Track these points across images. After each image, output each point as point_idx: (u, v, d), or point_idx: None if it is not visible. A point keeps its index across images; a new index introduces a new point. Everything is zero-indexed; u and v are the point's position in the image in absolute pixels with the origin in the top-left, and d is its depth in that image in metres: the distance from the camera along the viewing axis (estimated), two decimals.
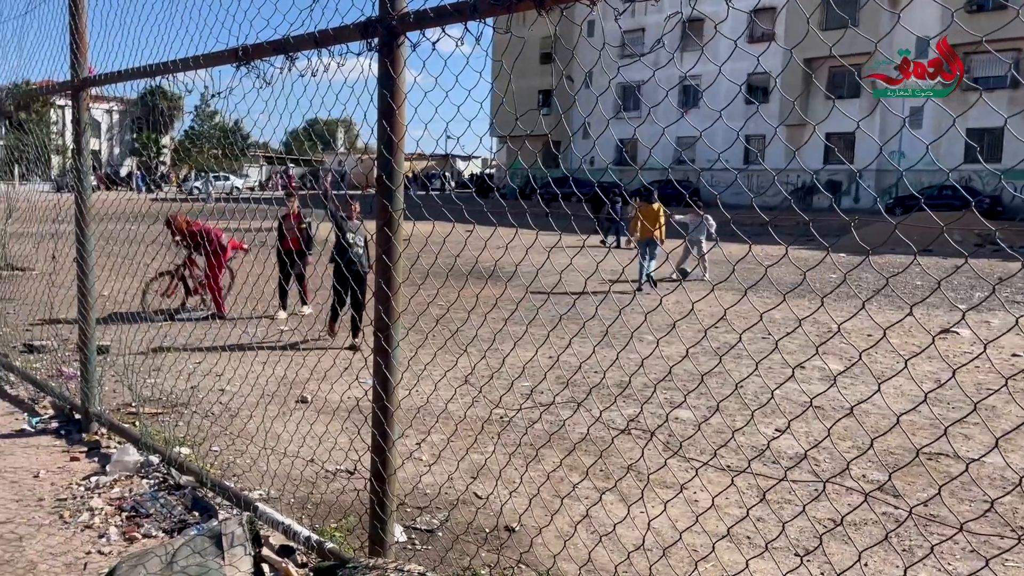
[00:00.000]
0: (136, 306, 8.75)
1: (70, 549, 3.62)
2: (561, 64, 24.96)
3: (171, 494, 4.14)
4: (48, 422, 5.33)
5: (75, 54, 4.90)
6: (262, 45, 3.52)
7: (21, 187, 9.61)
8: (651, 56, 19.12)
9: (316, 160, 28.70)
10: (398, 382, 3.18)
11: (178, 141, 36.98)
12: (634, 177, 31.43)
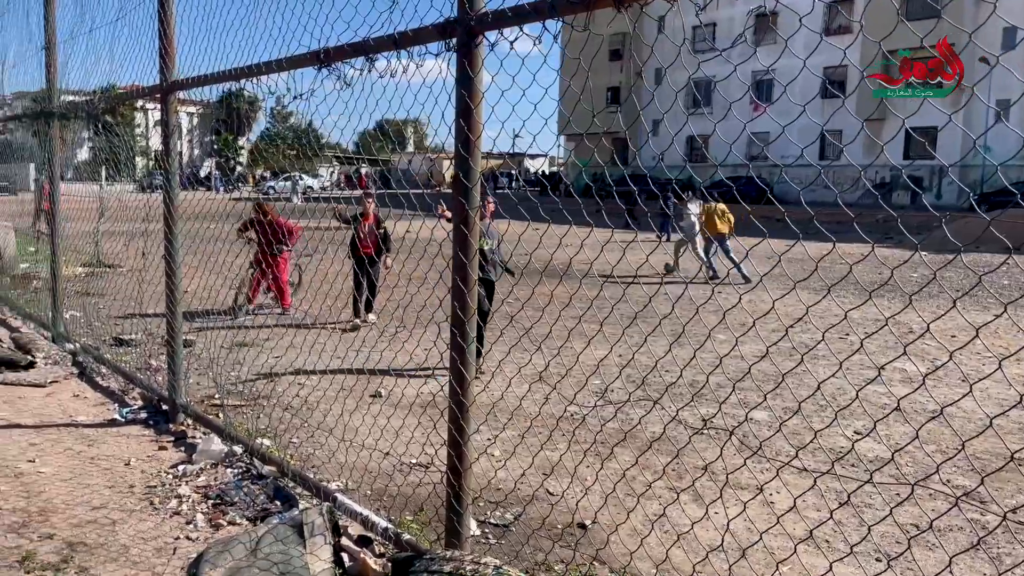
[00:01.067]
0: (224, 303, 8.83)
1: (160, 534, 3.77)
2: (630, 61, 24.73)
3: (254, 483, 4.28)
4: (137, 412, 5.57)
5: (163, 59, 5.10)
6: (342, 47, 3.61)
7: (108, 188, 10.06)
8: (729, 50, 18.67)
9: (384, 160, 29.12)
10: (473, 377, 3.22)
11: (255, 142, 38.06)
12: (713, 173, 30.97)
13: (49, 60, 7.10)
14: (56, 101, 7.25)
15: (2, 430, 5.18)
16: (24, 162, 15.96)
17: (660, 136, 33.36)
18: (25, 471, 4.51)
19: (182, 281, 5.32)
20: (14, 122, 10.10)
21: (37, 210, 14.77)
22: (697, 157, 35.64)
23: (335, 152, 24.01)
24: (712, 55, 2.88)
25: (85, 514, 3.96)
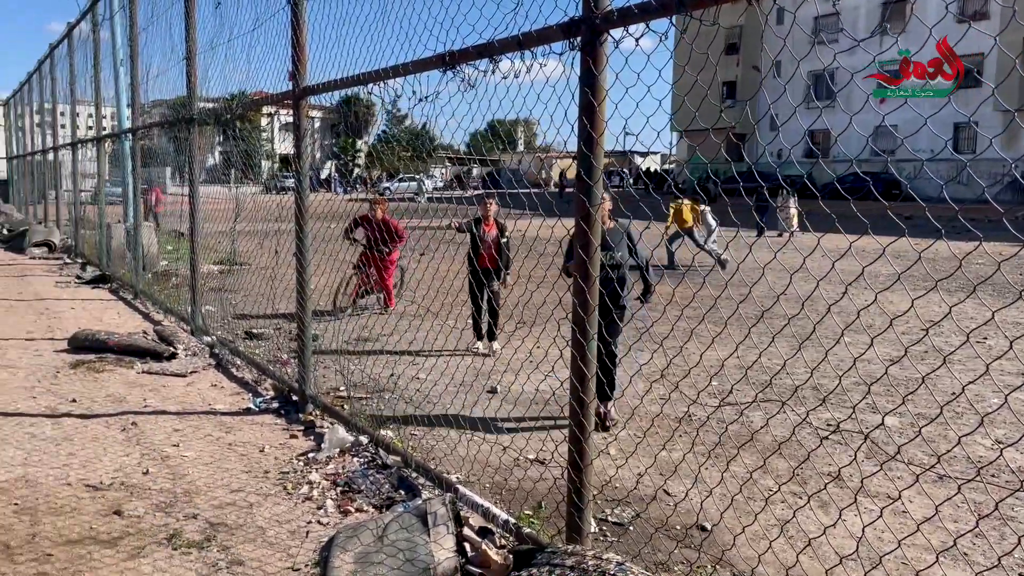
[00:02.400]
0: (327, 304, 9.04)
1: (293, 518, 3.97)
2: (747, 54, 24.09)
3: (379, 472, 4.44)
4: (270, 402, 5.87)
5: (296, 65, 5.35)
6: (467, 50, 3.69)
7: (236, 190, 10.62)
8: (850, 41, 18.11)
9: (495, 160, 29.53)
10: (593, 374, 3.23)
11: (371, 145, 39.37)
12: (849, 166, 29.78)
13: (190, 69, 7.57)
14: (196, 108, 7.72)
15: (150, 416, 5.58)
16: (161, 166, 17.05)
17: (778, 131, 32.29)
18: (171, 455, 4.84)
19: (311, 278, 5.57)
20: (154, 128, 10.80)
21: (147, 211, 15.83)
22: (818, 152, 34.29)
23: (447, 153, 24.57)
24: (850, 45, 2.79)
25: (225, 496, 4.21)
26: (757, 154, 37.18)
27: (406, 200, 21.20)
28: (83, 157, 15.56)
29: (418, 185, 28.19)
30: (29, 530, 3.76)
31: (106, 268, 12.77)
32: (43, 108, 20.77)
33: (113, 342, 7.31)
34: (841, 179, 21.06)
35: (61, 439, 5.07)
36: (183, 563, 3.47)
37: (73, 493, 4.22)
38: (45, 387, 6.24)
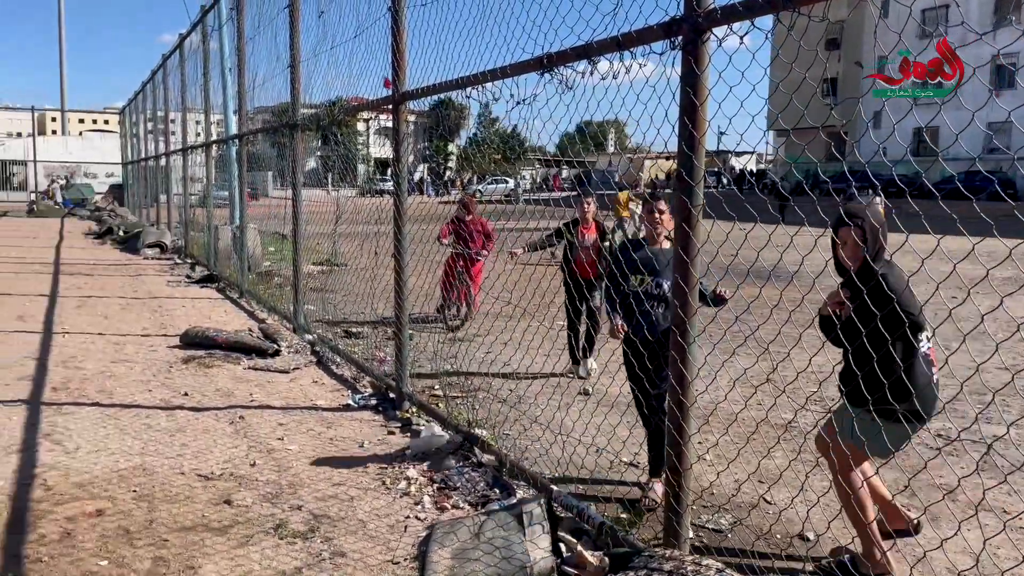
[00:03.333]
0: (426, 309, 8.80)
1: (392, 512, 4.07)
2: (849, 50, 23.26)
3: (474, 471, 4.50)
4: (368, 399, 6.03)
5: (395, 71, 5.49)
6: (565, 52, 3.71)
7: (333, 193, 10.95)
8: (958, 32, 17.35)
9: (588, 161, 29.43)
10: (694, 377, 3.19)
11: (463, 148, 39.85)
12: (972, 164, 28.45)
13: (294, 76, 7.86)
14: (299, 114, 8.01)
15: (256, 410, 5.82)
16: (263, 171, 17.72)
17: (882, 129, 31.06)
18: (276, 448, 5.03)
19: (408, 279, 5.69)
20: (258, 134, 11.25)
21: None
22: (924, 150, 32.84)
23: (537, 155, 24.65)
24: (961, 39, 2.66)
25: (327, 489, 4.35)
26: (859, 153, 35.84)
27: (497, 202, 21.35)
28: (192, 162, 16.35)
29: (515, 185, 28.38)
30: (147, 516, 3.98)
31: (213, 268, 13.37)
32: (156, 116, 21.94)
33: (221, 339, 7.66)
34: (949, 179, 20.10)
35: (175, 430, 5.34)
36: (289, 552, 3.60)
37: (186, 482, 4.44)
38: (160, 381, 6.59)
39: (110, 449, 4.94)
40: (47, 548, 3.61)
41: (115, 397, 6.09)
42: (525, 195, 25.78)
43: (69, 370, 6.89)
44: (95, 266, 15.18)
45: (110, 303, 10.66)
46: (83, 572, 3.41)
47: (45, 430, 5.28)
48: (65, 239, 21.69)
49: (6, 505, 4.09)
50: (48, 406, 5.84)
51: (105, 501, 4.15)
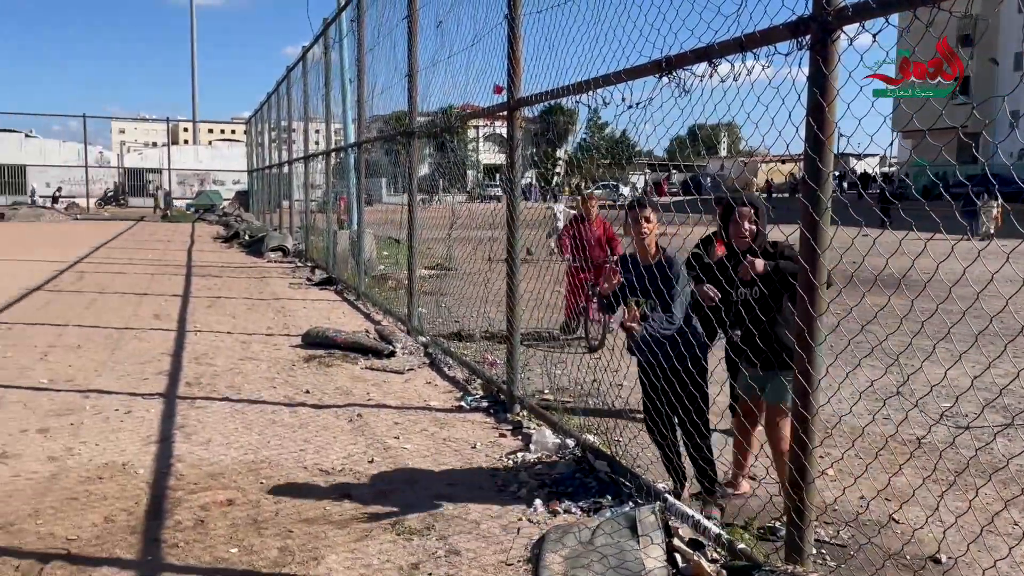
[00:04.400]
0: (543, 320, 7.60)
1: (504, 514, 4.11)
2: (983, 47, 21.95)
3: (586, 476, 4.49)
4: (479, 401, 6.12)
5: (511, 78, 5.55)
6: (685, 54, 3.66)
7: (450, 198, 11.15)
8: None
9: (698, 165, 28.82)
10: (816, 387, 3.08)
11: (570, 153, 39.84)
12: None
13: (411, 85, 8.07)
14: (416, 122, 8.22)
15: (373, 408, 6.00)
16: (377, 177, 18.28)
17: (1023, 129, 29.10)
18: (392, 446, 5.17)
19: (521, 283, 5.75)
20: (373, 142, 11.60)
21: (339, 219, 17.05)
22: None
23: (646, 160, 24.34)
24: None
25: (441, 488, 4.44)
26: (990, 154, 33.70)
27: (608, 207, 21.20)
28: (313, 169, 17.04)
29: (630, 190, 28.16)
30: (273, 507, 4.17)
31: (332, 271, 13.89)
32: (279, 125, 23.00)
33: (340, 339, 7.94)
34: None
35: (297, 426, 5.57)
36: (406, 548, 3.70)
37: (309, 476, 4.62)
38: (283, 378, 6.89)
39: (239, 442, 5.20)
40: (183, 534, 3.84)
41: (243, 393, 6.42)
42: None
43: (201, 366, 7.30)
44: (223, 268, 16.05)
45: (237, 303, 11.24)
46: (215, 558, 3.60)
47: (180, 422, 5.62)
48: (196, 242, 23.03)
49: (146, 492, 4.38)
50: (182, 400, 6.21)
51: (235, 491, 4.38)
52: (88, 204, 44.29)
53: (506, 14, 5.51)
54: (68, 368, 7.11)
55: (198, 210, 41.13)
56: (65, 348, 7.94)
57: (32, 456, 4.87)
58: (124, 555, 3.60)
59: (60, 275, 14.16)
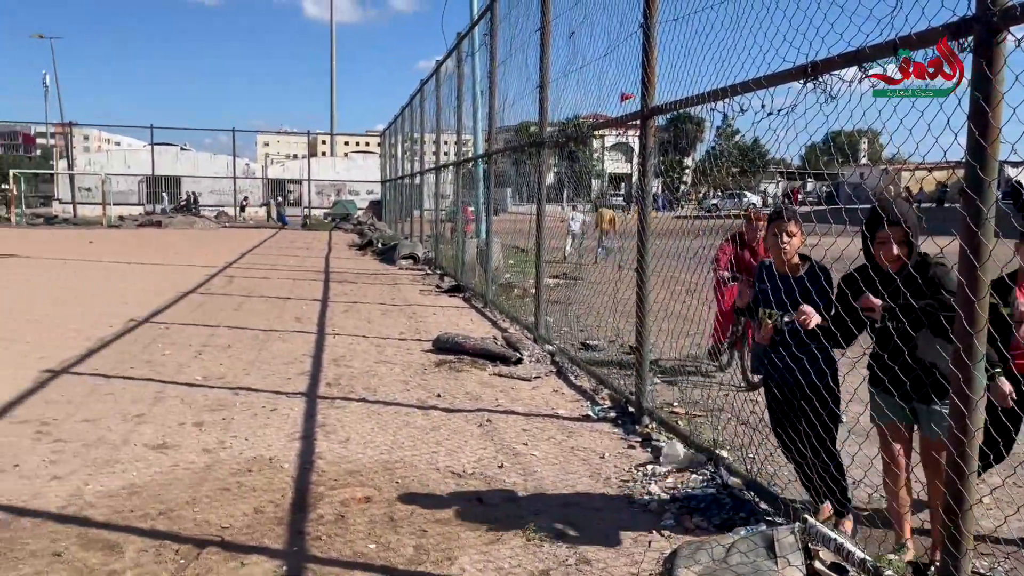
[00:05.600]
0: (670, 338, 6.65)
1: (634, 526, 4.08)
2: None
3: (719, 492, 4.39)
4: (607, 411, 6.09)
5: (645, 86, 5.53)
6: (832, 59, 3.53)
7: (568, 209, 11.18)
8: None
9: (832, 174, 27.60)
10: (974, 409, 2.89)
11: (699, 161, 39.07)
12: None
13: (542, 96, 8.17)
14: (546, 133, 8.31)
15: (501, 414, 6.09)
16: (503, 187, 18.57)
17: None
18: (520, 452, 5.23)
19: (651, 293, 5.69)
20: (503, 153, 11.78)
21: (463, 228, 17.25)
22: None
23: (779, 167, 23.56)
24: None
25: (570, 497, 4.46)
26: None
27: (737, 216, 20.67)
28: (443, 180, 17.50)
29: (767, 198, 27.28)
30: (407, 506, 4.31)
31: (460, 279, 14.21)
32: (411, 137, 23.77)
33: (469, 345, 8.11)
34: None
35: (430, 428, 5.73)
36: (536, 554, 3.73)
37: (441, 478, 4.75)
38: (416, 382, 7.11)
39: (375, 442, 5.40)
40: (324, 528, 4.02)
41: (378, 394, 6.66)
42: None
43: (339, 368, 7.63)
44: (358, 275, 16.72)
45: (372, 308, 11.68)
46: (355, 552, 3.76)
47: (320, 421, 5.89)
48: (332, 250, 24.10)
49: (290, 486, 4.62)
50: (322, 400, 6.51)
51: (372, 489, 4.55)
52: (235, 213, 47.15)
53: (641, 23, 5.49)
54: (220, 366, 7.60)
55: (334, 219, 43.04)
56: (217, 348, 8.49)
57: (189, 448, 5.24)
58: (272, 544, 3.82)
59: (211, 279, 15.15)
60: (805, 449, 3.93)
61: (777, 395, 4.06)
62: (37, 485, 4.52)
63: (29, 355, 7.96)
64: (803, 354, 3.87)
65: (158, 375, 7.18)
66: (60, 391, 6.61)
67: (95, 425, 5.67)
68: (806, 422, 3.85)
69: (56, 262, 18.40)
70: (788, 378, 3.96)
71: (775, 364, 4.00)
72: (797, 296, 3.91)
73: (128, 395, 6.49)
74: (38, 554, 3.66)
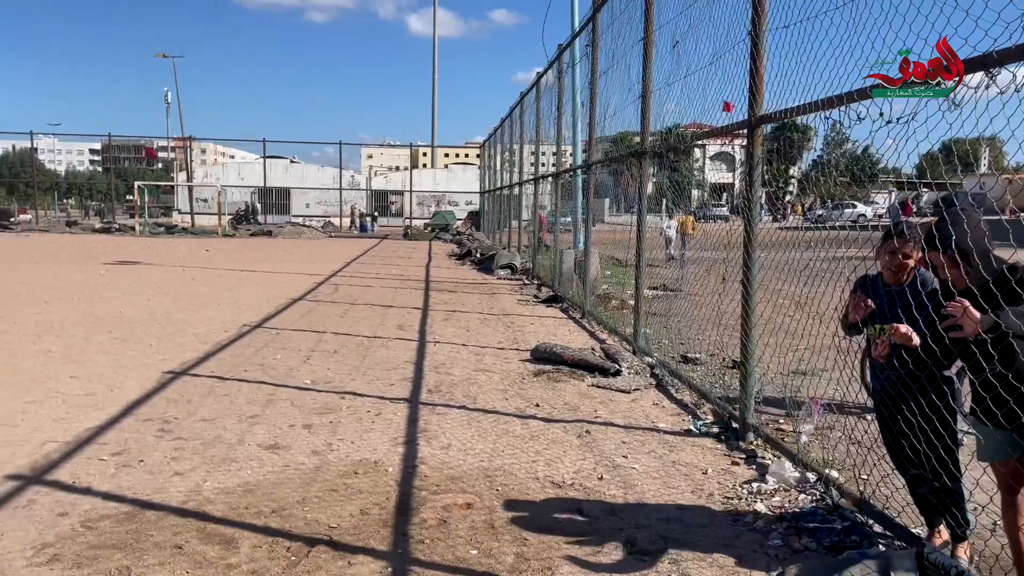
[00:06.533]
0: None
1: (739, 544, 3.98)
2: None
3: (829, 514, 4.23)
4: (709, 426, 5.98)
5: (752, 95, 5.41)
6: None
7: (665, 219, 11.01)
8: None
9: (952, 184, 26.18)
10: None
11: (804, 171, 37.82)
12: None
13: (644, 106, 8.12)
14: (647, 143, 8.24)
15: (600, 426, 6.06)
16: (600, 198, 18.50)
17: None
18: (620, 464, 5.19)
19: (757, 306, 5.55)
20: (605, 163, 11.74)
21: (540, 238, 17.02)
22: None
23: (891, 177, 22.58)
24: None
25: (672, 512, 4.39)
26: None
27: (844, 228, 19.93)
28: (541, 190, 17.60)
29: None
30: (507, 514, 4.34)
31: (557, 289, 14.23)
32: (509, 148, 24.01)
33: (568, 356, 8.11)
34: None
35: (528, 437, 5.76)
36: (638, 568, 3.69)
37: (541, 487, 4.76)
38: (515, 391, 7.16)
39: (475, 449, 5.47)
40: (427, 532, 4.10)
41: (477, 402, 6.74)
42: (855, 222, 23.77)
43: (440, 375, 7.77)
44: (457, 284, 16.98)
45: (470, 317, 11.83)
46: (457, 558, 3.81)
47: (422, 426, 6.01)
48: (432, 260, 24.56)
49: (395, 490, 4.72)
50: (424, 406, 6.64)
51: (473, 496, 4.60)
52: (341, 223, 48.73)
53: (749, 31, 5.39)
54: (327, 371, 7.86)
55: (434, 229, 43.89)
56: (324, 353, 8.79)
57: (299, 449, 5.44)
58: (378, 546, 3.91)
59: (318, 287, 15.69)
60: (921, 471, 3.74)
61: (888, 413, 3.88)
62: (160, 480, 4.79)
63: (153, 357, 8.45)
64: (918, 371, 3.65)
65: (270, 378, 7.49)
66: (180, 391, 6.98)
67: (212, 424, 5.96)
68: (926, 443, 3.65)
69: (176, 269, 19.46)
70: (897, 396, 3.78)
71: (891, 381, 3.82)
72: (899, 311, 3.72)
73: (242, 396, 6.79)
74: (161, 545, 3.88)
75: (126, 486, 4.67)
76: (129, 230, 40.70)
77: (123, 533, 4.01)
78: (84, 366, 7.97)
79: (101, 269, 19.22)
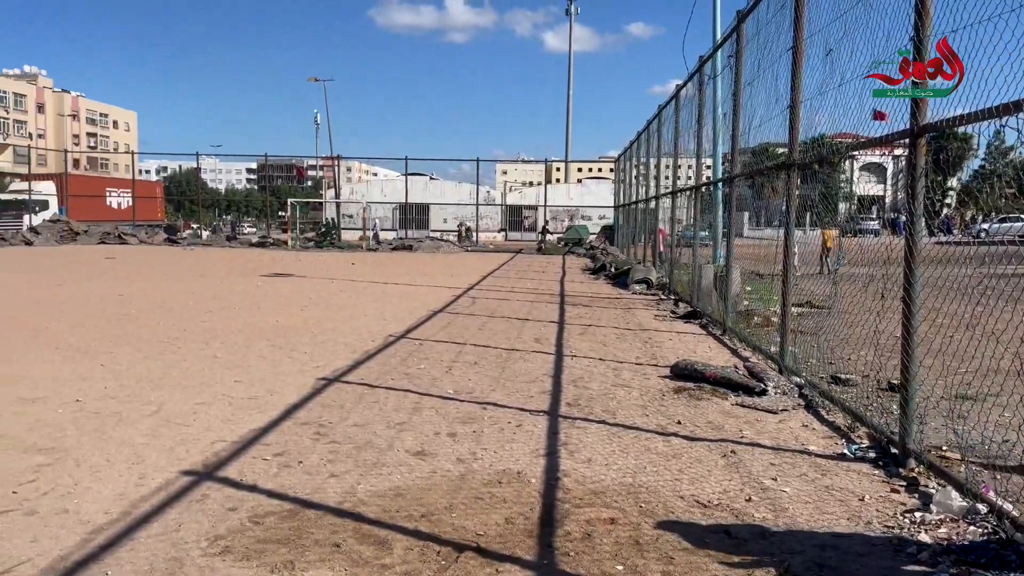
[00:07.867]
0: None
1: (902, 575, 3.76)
2: None
3: (1002, 548, 3.93)
4: (865, 451, 5.68)
5: (916, 102, 5.14)
6: None
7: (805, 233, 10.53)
8: None
9: None
10: None
11: (965, 182, 35.29)
12: None
13: (793, 117, 7.86)
14: (796, 154, 7.96)
15: (746, 446, 5.88)
16: (739, 211, 17.99)
17: None
18: (769, 487, 5.02)
19: (920, 326, 5.24)
20: (751, 176, 11.43)
21: (655, 252, 16.39)
22: None
23: None
24: None
25: (827, 539, 4.19)
26: None
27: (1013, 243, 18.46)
28: (679, 204, 17.32)
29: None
30: (652, 531, 4.28)
31: (696, 305, 13.94)
32: (644, 162, 23.80)
33: (710, 373, 7.93)
34: None
35: (670, 455, 5.67)
36: None
37: (686, 506, 4.67)
38: (655, 407, 7.07)
39: (616, 464, 5.44)
40: (572, 544, 4.11)
41: (617, 417, 6.71)
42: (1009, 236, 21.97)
43: (578, 389, 7.78)
44: (592, 299, 16.97)
45: (607, 332, 11.79)
46: (602, 572, 3.79)
47: (562, 439, 6.04)
48: (566, 274, 24.66)
49: (538, 501, 4.77)
50: (563, 419, 6.67)
51: (616, 511, 4.58)
52: (477, 238, 49.81)
53: (912, 36, 5.12)
54: (468, 382, 8.05)
55: (567, 244, 44.08)
56: (465, 364, 9.00)
57: (444, 456, 5.59)
58: (523, 556, 3.96)
59: (456, 300, 16.10)
60: None
61: None
62: (318, 481, 5.05)
63: (307, 364, 8.93)
64: None
65: (415, 387, 7.74)
66: (333, 397, 7.34)
67: (363, 429, 6.23)
68: None
69: (324, 281, 20.50)
70: None
71: None
72: None
73: (390, 404, 7.06)
74: (321, 543, 4.08)
75: (287, 485, 4.95)
76: (282, 244, 43.23)
77: (286, 529, 4.26)
78: (246, 371, 8.53)
79: (258, 281, 20.52)
